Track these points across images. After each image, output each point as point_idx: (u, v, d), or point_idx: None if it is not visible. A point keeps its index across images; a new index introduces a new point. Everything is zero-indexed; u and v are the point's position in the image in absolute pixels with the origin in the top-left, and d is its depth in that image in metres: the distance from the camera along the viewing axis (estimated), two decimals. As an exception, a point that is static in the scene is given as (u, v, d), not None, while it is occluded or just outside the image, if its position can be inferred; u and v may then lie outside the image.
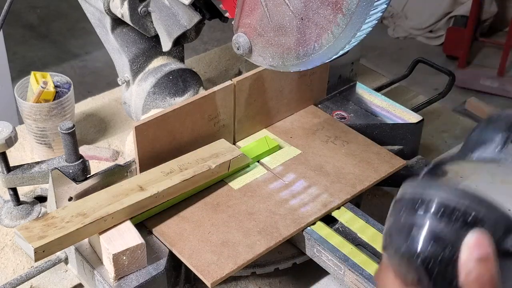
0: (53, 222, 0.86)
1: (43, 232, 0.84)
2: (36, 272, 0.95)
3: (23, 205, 1.06)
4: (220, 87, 1.02)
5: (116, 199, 0.91)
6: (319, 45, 0.79)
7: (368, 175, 1.05)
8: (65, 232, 0.84)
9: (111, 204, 0.90)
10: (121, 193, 0.92)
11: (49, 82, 1.19)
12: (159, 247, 0.93)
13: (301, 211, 0.98)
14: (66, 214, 0.87)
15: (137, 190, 0.92)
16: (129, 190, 0.92)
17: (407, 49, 3.37)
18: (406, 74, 1.48)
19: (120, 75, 1.16)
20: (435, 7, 3.39)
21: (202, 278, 0.87)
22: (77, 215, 0.87)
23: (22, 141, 1.27)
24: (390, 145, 1.15)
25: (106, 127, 1.34)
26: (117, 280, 0.88)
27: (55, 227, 0.85)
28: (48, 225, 0.85)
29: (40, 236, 0.83)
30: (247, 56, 0.88)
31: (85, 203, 0.90)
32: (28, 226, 0.85)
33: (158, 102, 1.14)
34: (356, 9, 0.73)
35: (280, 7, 0.79)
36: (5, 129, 0.95)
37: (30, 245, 0.82)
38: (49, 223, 0.85)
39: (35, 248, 0.82)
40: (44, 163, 1.00)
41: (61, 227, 0.85)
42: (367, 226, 0.97)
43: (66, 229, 0.85)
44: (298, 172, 1.05)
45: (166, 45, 1.10)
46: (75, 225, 0.86)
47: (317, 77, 1.18)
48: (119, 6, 1.06)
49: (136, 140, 0.94)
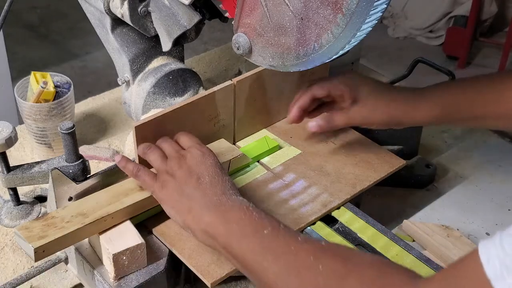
0: (53, 222, 0.86)
1: (43, 232, 0.84)
2: (36, 272, 0.95)
3: (23, 205, 1.06)
4: (220, 87, 1.02)
5: (116, 199, 0.91)
6: (319, 45, 0.79)
7: (368, 175, 1.05)
8: (65, 232, 0.85)
9: (111, 204, 0.90)
10: (121, 193, 0.92)
11: (49, 82, 1.19)
12: (159, 247, 0.93)
13: (301, 211, 0.98)
14: (66, 214, 0.87)
15: (137, 190, 0.92)
16: (129, 190, 0.92)
17: (407, 49, 3.37)
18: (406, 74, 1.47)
19: (120, 75, 1.16)
20: (435, 7, 3.38)
21: (202, 278, 0.87)
22: (77, 215, 0.87)
23: (22, 141, 1.27)
24: (390, 145, 1.15)
25: (106, 127, 1.34)
26: (117, 280, 0.88)
27: (55, 227, 0.85)
28: (48, 225, 0.85)
29: (40, 236, 0.83)
30: (247, 56, 0.88)
31: (85, 203, 0.90)
32: (28, 226, 0.85)
33: (158, 102, 1.14)
34: (356, 9, 0.73)
35: (280, 7, 0.79)
36: (5, 129, 0.95)
37: (30, 245, 0.82)
38: (49, 223, 0.86)
39: (35, 248, 0.82)
40: (44, 163, 1.00)
41: (61, 227, 0.85)
42: (367, 226, 0.97)
43: (66, 229, 0.85)
44: (298, 172, 1.05)
45: (166, 45, 1.10)
46: (75, 225, 0.86)
47: (317, 77, 1.18)
48: (119, 6, 1.06)
49: (136, 140, 0.94)
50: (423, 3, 3.41)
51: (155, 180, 0.88)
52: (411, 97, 0.98)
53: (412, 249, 0.93)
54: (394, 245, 0.94)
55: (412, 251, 0.93)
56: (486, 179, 1.20)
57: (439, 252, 1.00)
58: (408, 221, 1.07)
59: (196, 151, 0.89)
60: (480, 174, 1.21)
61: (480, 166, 1.24)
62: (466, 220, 1.10)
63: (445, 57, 3.30)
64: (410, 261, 0.91)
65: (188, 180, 0.85)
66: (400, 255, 0.93)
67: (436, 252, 1.01)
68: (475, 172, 1.22)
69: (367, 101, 0.98)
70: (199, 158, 0.88)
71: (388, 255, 0.93)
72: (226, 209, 0.81)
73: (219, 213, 0.81)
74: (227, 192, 0.84)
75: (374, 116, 0.99)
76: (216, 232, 0.80)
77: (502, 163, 1.23)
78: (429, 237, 1.02)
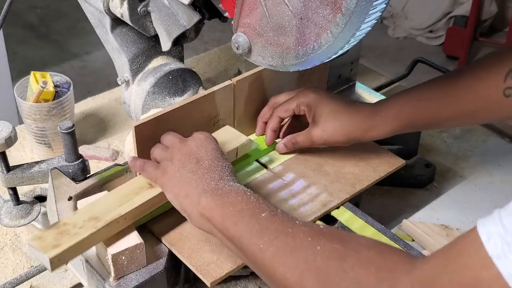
0: (66, 229, 0.83)
1: (57, 241, 0.81)
2: (36, 271, 0.95)
3: (22, 204, 1.05)
4: (219, 86, 1.02)
5: (127, 198, 0.89)
6: (318, 45, 0.79)
7: (368, 175, 1.05)
8: (79, 239, 0.82)
9: (122, 204, 0.88)
10: (130, 192, 0.91)
11: (49, 82, 1.19)
12: (158, 247, 0.93)
13: (301, 211, 0.98)
14: (78, 220, 0.85)
15: (146, 188, 0.91)
16: (138, 189, 0.91)
17: (407, 49, 3.37)
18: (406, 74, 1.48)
19: (120, 75, 1.16)
20: (435, 7, 3.38)
21: (202, 278, 0.87)
22: (89, 219, 0.85)
23: (22, 141, 1.27)
24: (389, 144, 1.15)
25: (106, 127, 1.34)
26: (117, 279, 0.88)
27: (68, 234, 0.83)
28: (61, 232, 0.83)
29: (54, 245, 0.81)
30: (247, 56, 0.88)
31: (96, 206, 0.88)
32: (41, 235, 0.82)
33: (158, 102, 1.14)
34: (355, 8, 0.73)
35: (279, 7, 0.79)
36: (5, 129, 0.95)
37: (45, 255, 0.79)
38: (62, 231, 0.83)
39: (50, 258, 0.79)
40: (43, 163, 1.00)
41: (74, 233, 0.83)
42: (366, 226, 0.98)
43: (79, 235, 0.83)
44: (297, 172, 1.05)
45: (166, 45, 1.10)
46: (88, 230, 0.84)
47: (316, 77, 1.18)
48: (118, 6, 1.06)
49: (135, 140, 0.94)
50: (423, 3, 3.41)
51: (158, 168, 0.89)
52: (368, 115, 1.01)
53: (411, 249, 0.93)
54: (394, 244, 0.94)
55: (412, 250, 0.93)
56: (485, 179, 1.20)
57: (439, 251, 1.00)
58: (407, 221, 1.07)
59: (198, 135, 0.90)
60: (479, 174, 1.21)
61: (480, 166, 1.24)
62: (466, 219, 1.10)
63: (445, 57, 3.30)
64: (410, 261, 0.91)
65: (187, 162, 0.86)
66: (400, 254, 0.93)
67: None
68: (474, 172, 1.23)
69: (326, 124, 1.02)
70: (200, 141, 0.89)
71: (387, 255, 0.93)
72: (223, 193, 0.82)
73: (216, 196, 0.81)
74: (225, 178, 0.84)
75: (333, 138, 1.02)
76: (212, 215, 0.80)
77: (502, 163, 1.23)
78: (428, 236, 1.02)
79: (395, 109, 1.00)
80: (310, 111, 1.03)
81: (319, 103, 1.03)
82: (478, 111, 0.97)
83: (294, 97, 1.05)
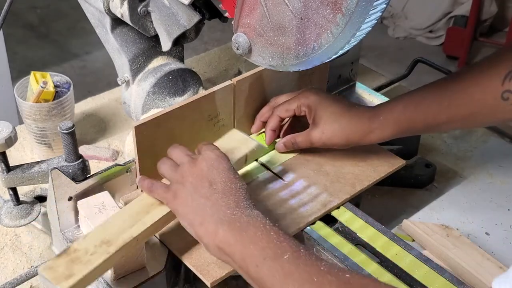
0: (77, 256, 0.80)
1: (69, 270, 0.78)
2: (36, 272, 0.95)
3: (22, 205, 1.05)
4: (219, 87, 1.02)
5: (137, 218, 0.86)
6: (319, 45, 0.79)
7: (368, 175, 1.05)
8: (91, 267, 0.79)
9: (133, 225, 0.85)
10: (141, 211, 0.88)
11: (49, 82, 1.19)
12: (158, 247, 0.93)
13: (301, 211, 0.98)
14: (89, 245, 0.81)
15: (157, 204, 0.89)
16: (149, 206, 0.88)
17: (407, 49, 3.37)
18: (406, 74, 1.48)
19: (120, 75, 1.16)
20: (435, 7, 3.39)
21: (202, 278, 0.87)
22: (101, 244, 0.82)
23: (22, 141, 1.27)
24: (389, 144, 1.15)
25: (106, 127, 1.34)
26: (117, 279, 0.88)
27: (80, 261, 0.79)
28: (73, 260, 0.79)
29: (67, 275, 0.78)
30: (247, 56, 0.88)
31: (106, 228, 0.85)
32: (52, 265, 0.78)
33: (158, 102, 1.14)
34: (355, 8, 0.73)
35: (279, 7, 0.79)
36: (5, 129, 0.95)
37: (58, 287, 0.77)
38: (73, 258, 0.79)
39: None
40: (44, 163, 1.00)
41: (86, 261, 0.79)
42: (366, 226, 0.98)
43: (91, 263, 0.79)
44: (297, 172, 1.05)
45: (166, 45, 1.10)
46: (100, 256, 0.80)
47: (316, 77, 1.18)
48: (118, 6, 1.06)
49: (135, 140, 0.94)
50: (423, 3, 3.41)
51: (168, 191, 0.86)
52: (367, 119, 1.01)
53: (411, 249, 0.93)
54: (394, 244, 0.94)
55: (412, 250, 0.93)
56: (486, 179, 1.20)
57: (439, 251, 1.00)
58: (407, 221, 1.07)
59: (209, 154, 0.87)
60: (479, 174, 1.21)
61: (480, 166, 1.24)
62: (466, 220, 1.10)
63: (445, 57, 3.30)
64: (410, 261, 0.91)
65: (199, 186, 0.83)
66: (400, 255, 0.93)
67: (435, 251, 1.01)
68: (474, 172, 1.23)
69: (326, 126, 1.02)
70: (211, 161, 0.85)
71: (387, 255, 0.93)
72: (241, 226, 0.78)
73: (235, 231, 0.78)
74: (241, 204, 0.81)
75: (332, 141, 1.03)
76: (232, 251, 0.78)
77: (502, 163, 1.23)
78: (428, 236, 1.02)
79: (394, 114, 1.00)
80: (311, 113, 1.03)
81: (319, 105, 1.03)
82: (476, 115, 0.96)
83: (295, 97, 1.05)
